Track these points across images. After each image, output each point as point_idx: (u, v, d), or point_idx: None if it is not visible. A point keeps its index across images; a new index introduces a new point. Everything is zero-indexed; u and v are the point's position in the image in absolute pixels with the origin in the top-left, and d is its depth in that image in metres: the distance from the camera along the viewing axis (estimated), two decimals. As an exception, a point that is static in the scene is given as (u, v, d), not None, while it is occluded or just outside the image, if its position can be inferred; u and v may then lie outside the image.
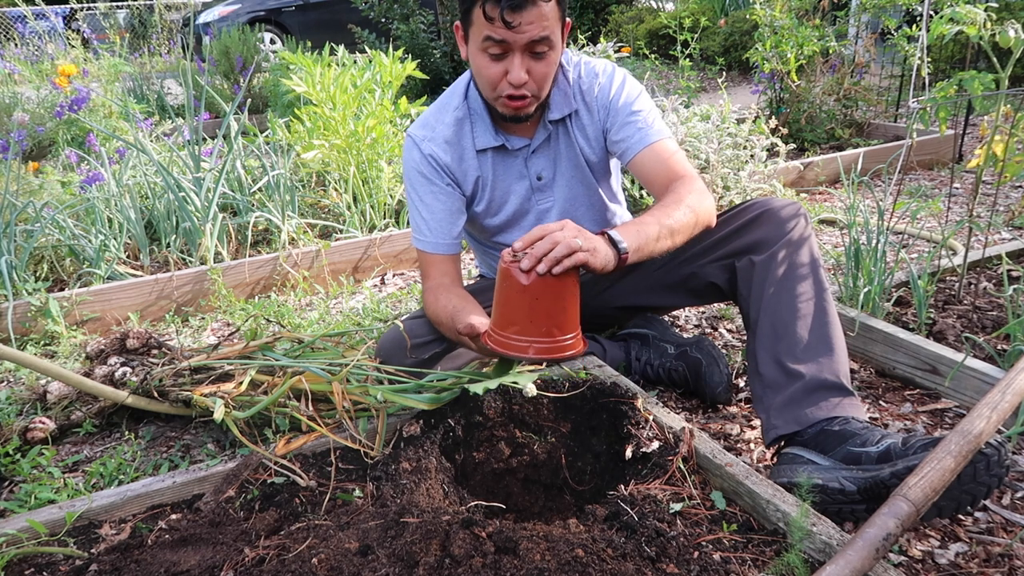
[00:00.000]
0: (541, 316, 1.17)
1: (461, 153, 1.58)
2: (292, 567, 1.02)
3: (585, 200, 1.67)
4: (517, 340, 1.19)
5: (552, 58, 1.40)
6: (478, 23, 1.34)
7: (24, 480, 1.51)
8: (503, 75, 1.39)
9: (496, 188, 1.63)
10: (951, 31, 1.53)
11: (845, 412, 1.26)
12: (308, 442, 1.43)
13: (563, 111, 1.56)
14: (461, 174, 1.60)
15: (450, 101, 1.60)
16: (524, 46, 1.35)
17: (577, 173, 1.63)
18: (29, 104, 4.49)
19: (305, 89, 2.86)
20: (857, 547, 0.92)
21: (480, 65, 1.41)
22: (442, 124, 1.57)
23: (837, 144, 3.89)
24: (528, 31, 1.32)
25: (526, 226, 1.69)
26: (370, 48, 4.74)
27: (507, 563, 0.97)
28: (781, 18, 3.58)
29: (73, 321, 2.27)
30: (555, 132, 1.59)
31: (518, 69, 1.37)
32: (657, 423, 1.35)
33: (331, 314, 2.34)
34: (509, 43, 1.34)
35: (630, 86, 1.56)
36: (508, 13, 1.29)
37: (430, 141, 1.57)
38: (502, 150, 1.59)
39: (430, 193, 1.58)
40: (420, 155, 1.57)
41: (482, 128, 1.56)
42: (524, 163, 1.61)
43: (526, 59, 1.37)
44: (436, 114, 1.60)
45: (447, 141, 1.57)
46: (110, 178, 2.76)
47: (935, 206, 1.85)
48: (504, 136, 1.57)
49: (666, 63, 5.14)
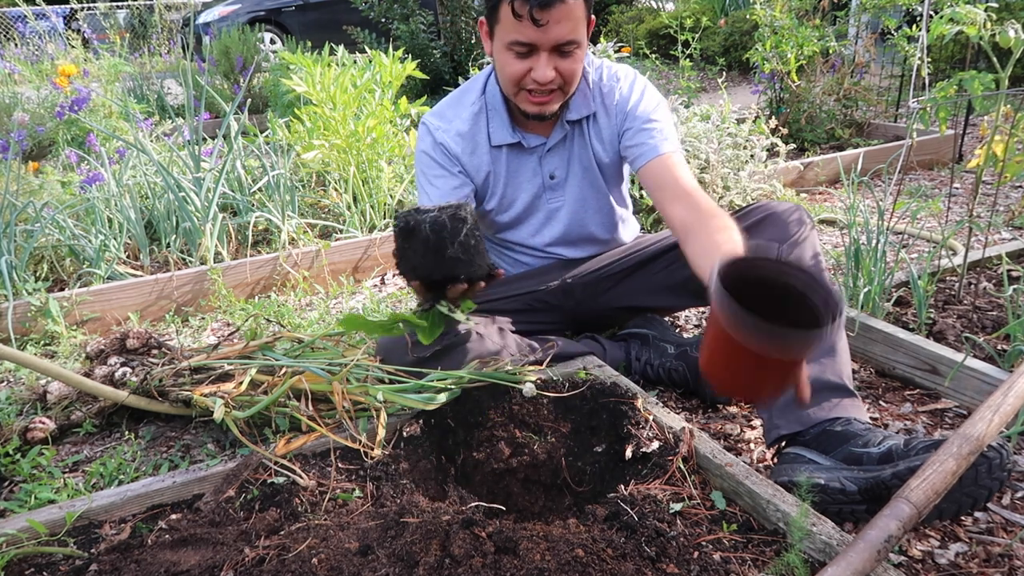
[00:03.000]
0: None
1: (474, 147, 1.58)
2: (292, 567, 1.02)
3: (594, 202, 1.68)
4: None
5: (578, 55, 1.40)
6: (505, 21, 1.33)
7: (24, 480, 1.50)
8: (527, 72, 1.39)
9: (508, 184, 1.63)
10: (951, 31, 1.53)
11: (847, 413, 1.27)
12: (308, 442, 1.42)
13: (582, 112, 1.56)
14: (473, 168, 1.60)
15: (467, 95, 1.59)
16: (551, 47, 1.35)
17: (588, 175, 1.63)
18: (29, 104, 4.49)
19: (305, 89, 2.86)
20: (858, 548, 0.92)
21: (504, 62, 1.40)
22: (458, 118, 1.57)
23: (837, 144, 3.89)
24: (555, 31, 1.32)
25: (535, 224, 1.69)
26: (370, 48, 4.74)
27: (507, 563, 0.97)
28: (781, 18, 3.58)
29: (73, 321, 2.27)
30: (571, 133, 1.59)
31: (544, 67, 1.36)
32: (657, 423, 1.35)
33: (331, 314, 2.34)
34: (536, 45, 1.34)
35: (650, 95, 1.56)
36: (537, 11, 1.28)
37: (443, 131, 1.57)
38: (517, 147, 1.59)
39: (438, 176, 1.58)
40: (432, 141, 1.58)
41: (498, 124, 1.56)
42: (538, 161, 1.61)
43: (553, 57, 1.37)
44: (453, 106, 1.60)
45: (460, 134, 1.57)
46: (110, 178, 2.76)
47: (935, 206, 1.85)
48: (521, 133, 1.57)
49: (666, 63, 5.14)
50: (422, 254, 1.24)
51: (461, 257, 1.24)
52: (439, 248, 1.23)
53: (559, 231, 1.69)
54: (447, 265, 1.25)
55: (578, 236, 1.71)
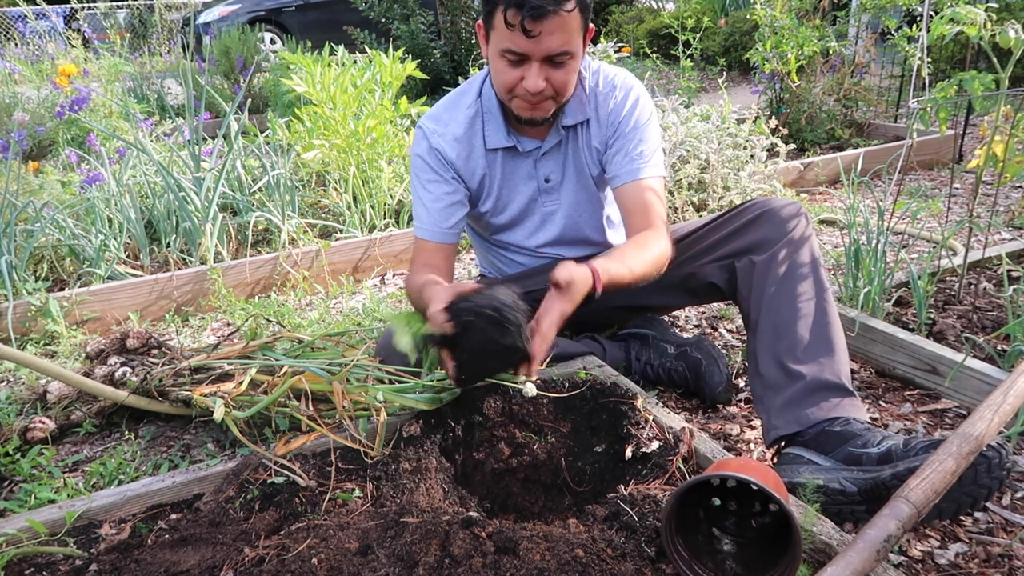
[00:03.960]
0: None
1: (470, 151, 1.58)
2: (292, 567, 1.02)
3: (588, 206, 1.67)
4: None
5: (572, 66, 1.38)
6: (499, 28, 1.32)
7: (24, 480, 1.50)
8: (519, 80, 1.38)
9: (503, 187, 1.63)
10: (951, 31, 1.53)
11: (846, 413, 1.26)
12: (308, 442, 1.42)
13: (577, 118, 1.55)
14: (467, 172, 1.60)
15: (463, 98, 1.59)
16: (543, 57, 1.34)
17: (582, 179, 1.63)
18: (29, 104, 4.49)
19: (305, 89, 2.86)
20: (858, 548, 0.92)
21: (498, 68, 1.39)
22: (454, 121, 1.57)
23: (837, 144, 3.89)
24: (547, 42, 1.30)
25: (530, 227, 1.69)
26: (370, 48, 4.74)
27: (507, 563, 0.97)
28: (781, 18, 3.58)
29: (73, 321, 2.27)
30: (566, 137, 1.58)
31: (535, 77, 1.35)
32: (657, 423, 1.35)
33: (331, 314, 2.34)
34: (528, 55, 1.33)
35: (642, 109, 1.55)
36: (529, 22, 1.27)
37: (439, 136, 1.57)
38: (512, 151, 1.59)
39: (432, 181, 1.58)
40: (427, 146, 1.58)
41: (494, 127, 1.56)
42: (534, 164, 1.61)
43: (544, 67, 1.36)
44: (449, 109, 1.59)
45: (456, 138, 1.56)
46: (110, 178, 2.76)
47: (935, 206, 1.85)
48: (516, 137, 1.56)
49: (666, 63, 5.14)
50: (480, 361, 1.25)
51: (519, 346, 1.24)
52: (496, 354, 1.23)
53: (554, 234, 1.69)
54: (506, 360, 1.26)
55: (573, 238, 1.71)
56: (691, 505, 1.11)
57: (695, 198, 2.89)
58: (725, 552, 1.09)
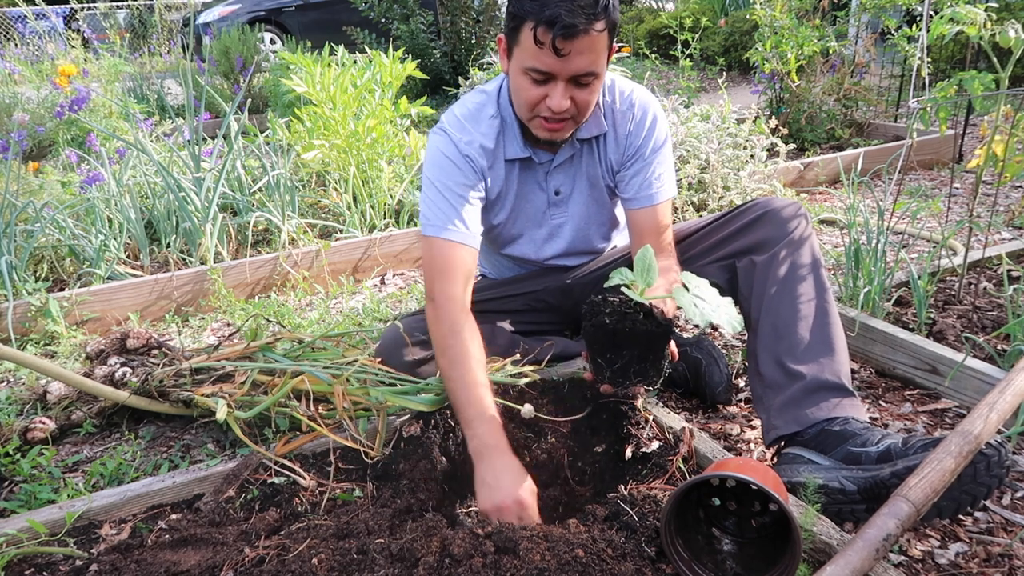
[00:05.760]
0: None
1: (493, 162, 1.54)
2: (292, 567, 1.02)
3: (597, 218, 1.66)
4: None
5: (596, 86, 1.36)
6: (526, 45, 1.29)
7: (24, 480, 1.50)
8: (542, 98, 1.35)
9: (517, 199, 1.60)
10: (951, 31, 1.53)
11: (845, 412, 1.26)
12: (308, 442, 1.43)
13: (592, 132, 1.52)
14: (490, 182, 1.56)
15: (484, 108, 1.53)
16: (569, 77, 1.31)
17: (594, 192, 1.61)
18: (29, 104, 4.49)
19: (305, 89, 2.86)
20: (857, 547, 0.92)
21: (520, 85, 1.36)
22: (480, 132, 1.51)
23: (837, 144, 3.89)
24: (576, 62, 1.28)
25: (538, 240, 1.67)
26: (370, 48, 4.74)
27: (507, 563, 0.97)
28: (781, 18, 3.58)
29: (73, 321, 2.27)
30: (580, 150, 1.56)
31: (560, 96, 1.32)
32: (657, 423, 1.35)
33: (331, 314, 2.34)
34: (554, 74, 1.30)
35: (659, 131, 1.54)
36: (560, 41, 1.24)
37: (468, 144, 1.50)
38: (527, 162, 1.56)
39: (461, 184, 1.49)
40: (457, 151, 1.50)
41: (512, 137, 1.52)
42: (544, 176, 1.58)
43: (569, 87, 1.33)
44: (473, 118, 1.53)
45: (484, 148, 1.51)
46: (110, 178, 2.76)
47: (935, 206, 1.85)
48: (531, 149, 1.53)
49: (666, 63, 5.14)
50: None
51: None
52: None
53: (562, 247, 1.67)
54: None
55: (580, 249, 1.70)
56: (691, 505, 1.11)
57: (695, 198, 2.89)
58: (725, 552, 1.09)
